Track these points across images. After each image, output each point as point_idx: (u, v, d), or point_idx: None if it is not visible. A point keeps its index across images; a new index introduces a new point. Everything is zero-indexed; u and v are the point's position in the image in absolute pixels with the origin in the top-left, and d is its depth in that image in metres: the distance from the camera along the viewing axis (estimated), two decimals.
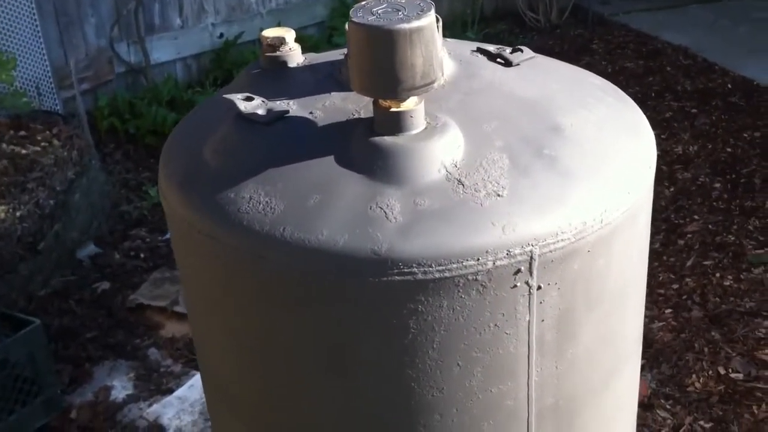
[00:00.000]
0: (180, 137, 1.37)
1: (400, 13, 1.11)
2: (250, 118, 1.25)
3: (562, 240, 1.14)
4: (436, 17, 1.26)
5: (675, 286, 3.72)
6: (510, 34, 6.54)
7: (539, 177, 1.18)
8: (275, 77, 1.36)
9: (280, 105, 1.27)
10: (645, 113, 4.63)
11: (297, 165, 1.19)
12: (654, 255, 3.91)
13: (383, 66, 1.11)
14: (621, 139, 1.28)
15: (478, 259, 1.10)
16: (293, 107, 1.28)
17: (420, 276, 1.10)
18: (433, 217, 1.12)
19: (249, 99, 1.27)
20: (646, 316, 3.51)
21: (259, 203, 1.16)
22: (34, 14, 4.28)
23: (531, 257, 1.13)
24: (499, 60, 1.39)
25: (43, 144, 3.83)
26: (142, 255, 3.99)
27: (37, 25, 4.28)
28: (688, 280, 3.75)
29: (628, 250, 1.26)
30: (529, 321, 1.17)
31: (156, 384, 3.27)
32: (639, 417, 3.05)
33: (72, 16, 4.74)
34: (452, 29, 6.01)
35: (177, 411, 3.16)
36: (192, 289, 1.35)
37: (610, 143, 1.26)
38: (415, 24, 1.09)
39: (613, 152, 1.25)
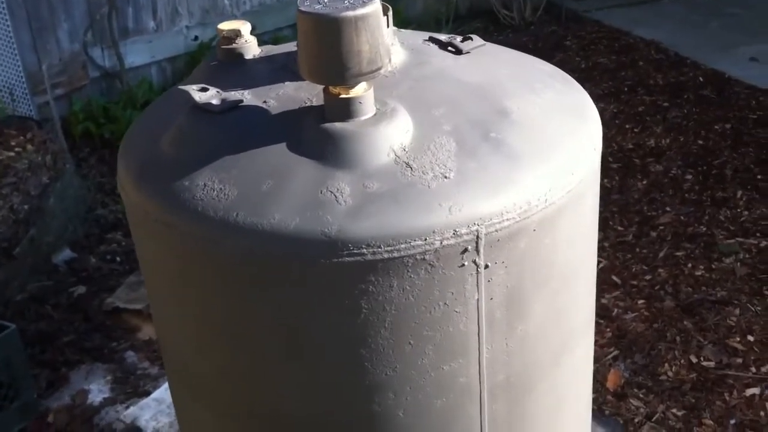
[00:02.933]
0: (138, 129, 1.40)
1: (346, 1, 1.15)
2: (205, 108, 1.28)
3: (507, 219, 1.18)
4: (385, 6, 1.30)
5: (648, 277, 3.77)
6: (485, 32, 6.59)
7: (485, 159, 1.21)
8: (231, 69, 1.39)
9: (234, 95, 1.30)
10: (618, 108, 4.69)
11: (250, 152, 1.22)
12: (627, 247, 3.97)
13: (330, 53, 1.14)
14: (567, 121, 1.32)
15: (426, 239, 1.14)
16: (247, 97, 1.31)
17: (369, 257, 1.13)
18: (382, 199, 1.15)
19: (204, 90, 1.30)
20: (619, 307, 3.58)
21: (213, 190, 1.19)
22: (6, 19, 4.28)
23: (477, 236, 1.16)
24: (449, 48, 1.43)
25: (17, 149, 3.84)
26: (118, 258, 4.00)
27: (9, 31, 4.27)
28: (660, 270, 3.80)
29: (575, 230, 1.29)
30: (477, 299, 1.21)
31: (133, 386, 3.29)
32: (612, 406, 3.11)
33: (45, 21, 4.74)
34: (427, 27, 6.04)
35: (154, 413, 3.17)
36: (151, 276, 1.38)
37: (556, 126, 1.30)
38: (360, 11, 1.13)
39: (558, 134, 1.28)
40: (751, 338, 3.36)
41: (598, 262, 3.87)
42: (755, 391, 3.11)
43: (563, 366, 1.38)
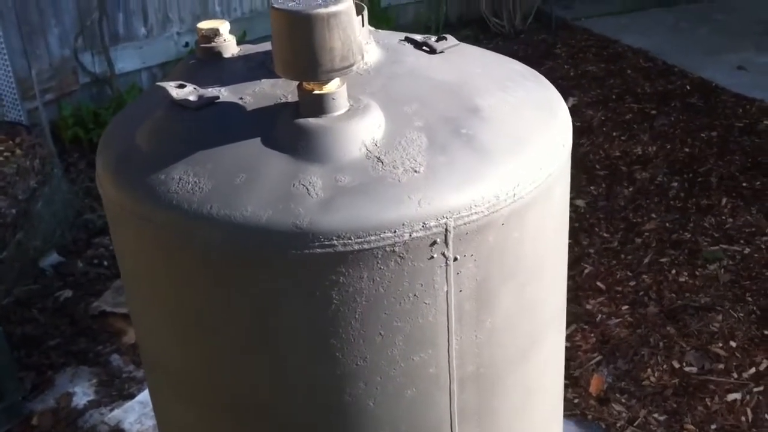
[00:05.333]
0: (117, 126, 1.43)
1: None
2: (182, 104, 1.31)
3: (475, 213, 1.20)
4: (359, 5, 1.33)
5: (632, 283, 3.81)
6: (475, 39, 6.64)
7: (456, 154, 1.24)
8: (210, 67, 1.42)
9: (211, 92, 1.33)
10: (606, 115, 4.73)
11: (225, 147, 1.24)
12: (612, 253, 4.00)
13: (303, 49, 1.17)
14: (536, 119, 1.35)
15: (395, 231, 1.17)
16: (224, 94, 1.33)
17: (340, 248, 1.16)
18: (353, 192, 1.18)
19: (181, 86, 1.32)
20: (603, 313, 3.62)
21: (188, 183, 1.21)
22: None
23: (446, 229, 1.19)
24: (424, 48, 1.46)
25: (5, 154, 3.86)
26: (105, 263, 4.02)
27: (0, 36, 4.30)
28: (644, 276, 3.83)
29: (543, 224, 1.32)
30: (447, 291, 1.23)
31: (118, 389, 3.30)
32: (595, 411, 3.13)
33: (35, 26, 4.76)
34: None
35: (138, 415, 3.19)
36: (127, 270, 1.41)
37: (526, 123, 1.32)
38: (332, 9, 1.16)
39: (527, 131, 1.31)
40: (733, 344, 3.39)
41: (583, 269, 3.91)
42: (737, 396, 3.14)
43: (532, 358, 1.40)
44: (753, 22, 6.82)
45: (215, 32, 1.44)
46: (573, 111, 5.42)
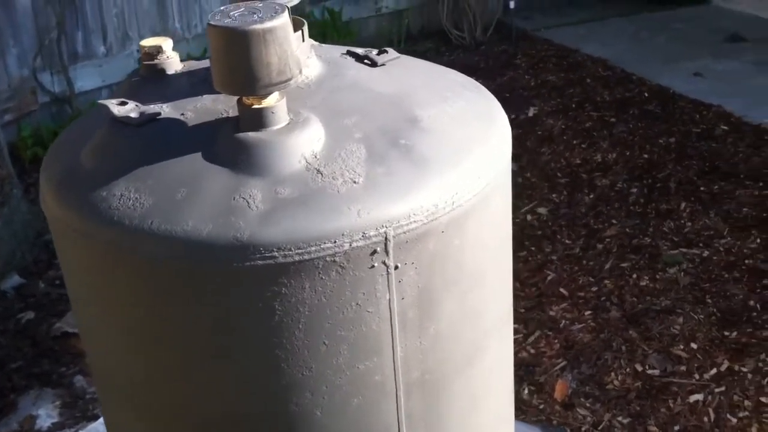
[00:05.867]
0: (60, 144, 1.44)
1: (255, 15, 1.20)
2: (124, 121, 1.32)
3: (414, 222, 1.23)
4: (299, 21, 1.35)
5: (594, 289, 3.85)
6: (436, 52, 6.71)
7: (394, 165, 1.26)
8: (153, 84, 1.44)
9: (153, 108, 1.34)
10: (566, 124, 4.79)
11: (166, 162, 1.26)
12: (574, 259, 4.05)
13: (240, 65, 1.19)
14: (475, 129, 1.37)
15: (335, 242, 1.18)
16: (166, 110, 1.35)
17: (281, 259, 1.18)
18: (293, 204, 1.20)
19: (123, 103, 1.34)
20: (566, 319, 3.65)
21: (129, 199, 1.22)
22: None
23: (386, 238, 1.21)
24: (366, 61, 1.49)
25: None
26: None
27: None
28: (606, 282, 3.87)
29: (484, 231, 1.35)
30: (389, 299, 1.25)
31: (81, 411, 3.28)
32: (560, 416, 3.16)
33: None
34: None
35: None
36: (73, 287, 1.41)
37: (465, 133, 1.35)
38: (267, 25, 1.18)
39: (466, 141, 1.34)
40: (694, 346, 3.44)
41: (546, 275, 3.95)
42: (699, 397, 3.18)
43: (478, 364, 1.42)
44: (709, 31, 6.95)
45: (158, 49, 1.45)
46: (534, 120, 5.50)
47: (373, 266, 1.22)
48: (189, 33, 5.68)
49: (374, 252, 1.21)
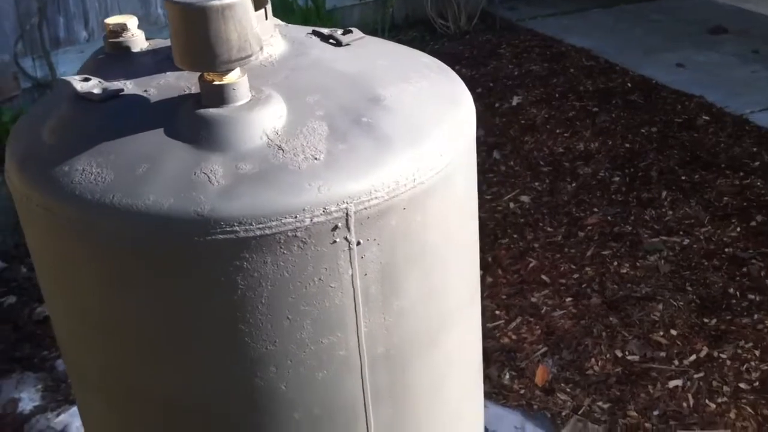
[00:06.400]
0: (25, 120, 1.44)
1: None
2: (86, 97, 1.32)
3: (375, 198, 1.24)
4: None
5: (575, 276, 3.87)
6: (421, 40, 6.71)
7: (356, 142, 1.27)
8: (117, 61, 1.44)
9: (115, 84, 1.35)
10: (549, 113, 4.80)
11: (128, 138, 1.26)
12: (556, 247, 4.07)
13: (199, 41, 1.20)
14: (438, 108, 1.38)
15: (296, 217, 1.19)
16: (129, 86, 1.35)
17: (242, 234, 1.18)
18: (254, 179, 1.21)
19: (86, 80, 1.34)
20: (548, 305, 3.68)
21: (91, 174, 1.23)
22: None
23: (347, 214, 1.22)
24: (331, 41, 1.49)
25: None
26: None
27: None
28: (587, 269, 3.89)
29: (447, 210, 1.36)
30: (352, 275, 1.26)
31: (64, 394, 3.28)
32: (540, 401, 3.18)
33: None
34: None
35: None
36: (38, 266, 1.42)
37: (427, 112, 1.36)
38: (226, 1, 1.18)
39: (428, 120, 1.35)
40: (674, 332, 3.47)
41: (528, 262, 3.97)
42: (678, 383, 3.21)
43: (444, 341, 1.43)
44: (691, 21, 6.97)
45: (123, 27, 1.46)
46: (517, 109, 5.51)
47: (334, 242, 1.23)
48: None
49: (335, 227, 1.22)
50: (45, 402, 3.26)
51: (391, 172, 1.25)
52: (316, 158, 1.23)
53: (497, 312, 3.65)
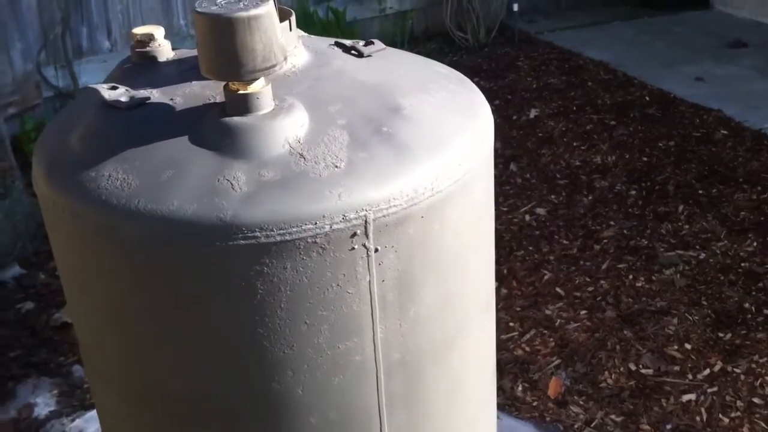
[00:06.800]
0: (52, 126, 1.48)
1: (240, 3, 1.24)
2: (113, 105, 1.36)
3: (394, 206, 1.26)
4: (287, 11, 1.39)
5: (590, 289, 3.87)
6: (440, 53, 6.75)
7: (376, 150, 1.30)
8: (143, 70, 1.47)
9: (142, 93, 1.38)
10: (567, 126, 4.82)
11: (153, 145, 1.29)
12: (571, 259, 4.08)
13: (225, 51, 1.23)
14: (457, 118, 1.41)
15: (316, 223, 1.22)
16: (155, 95, 1.39)
17: (263, 240, 1.21)
18: (276, 186, 1.23)
19: (114, 88, 1.38)
20: (562, 318, 3.68)
21: (117, 180, 1.26)
22: None
23: (366, 221, 1.24)
24: (352, 52, 1.52)
25: None
26: None
27: None
28: (602, 282, 3.90)
29: (464, 218, 1.38)
30: (369, 281, 1.29)
31: (79, 400, 3.32)
32: (553, 413, 3.19)
33: None
34: None
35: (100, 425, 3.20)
36: (63, 268, 1.45)
37: (446, 122, 1.39)
38: (252, 12, 1.22)
39: (447, 129, 1.37)
40: (688, 346, 3.46)
41: (543, 275, 3.98)
42: (691, 397, 3.20)
43: (459, 348, 1.45)
44: (710, 35, 6.98)
45: (150, 37, 1.49)
46: (535, 122, 5.53)
47: (353, 248, 1.26)
48: (193, 29, 5.71)
49: (354, 234, 1.25)
50: (60, 407, 3.29)
51: (410, 180, 1.28)
52: (336, 166, 1.26)
53: (511, 324, 3.66)
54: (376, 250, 1.28)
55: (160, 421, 1.44)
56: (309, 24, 5.83)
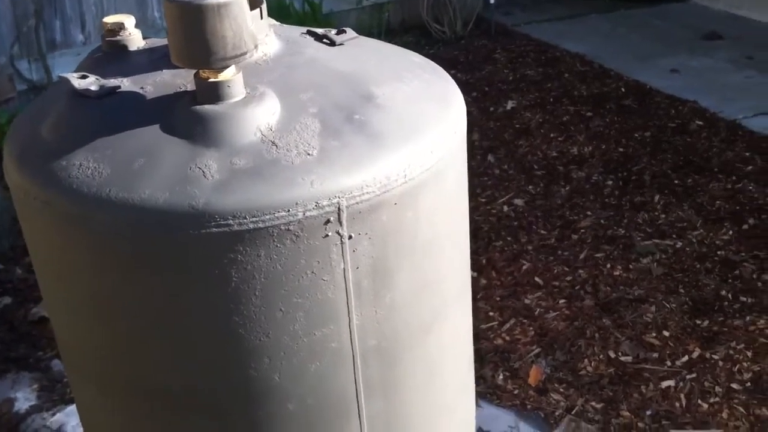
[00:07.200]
0: (23, 117, 1.47)
1: None
2: (83, 94, 1.35)
3: (367, 193, 1.26)
4: None
5: (569, 278, 3.90)
6: (416, 45, 6.75)
7: (348, 138, 1.30)
8: (114, 59, 1.47)
9: (112, 81, 1.37)
10: (543, 117, 4.84)
11: (124, 134, 1.29)
12: (549, 249, 4.10)
13: (195, 38, 1.22)
14: (429, 107, 1.41)
15: (289, 211, 1.22)
16: (126, 84, 1.38)
17: (236, 227, 1.21)
18: (248, 174, 1.23)
19: (84, 77, 1.37)
20: (541, 307, 3.70)
21: (88, 169, 1.25)
22: None
23: (339, 208, 1.24)
24: (324, 40, 1.52)
25: None
26: None
27: None
28: (581, 271, 3.93)
29: (438, 205, 1.38)
30: (344, 268, 1.29)
31: (59, 394, 3.31)
32: (534, 400, 3.21)
33: None
34: None
35: None
36: (35, 259, 1.44)
37: (419, 110, 1.39)
38: (222, 0, 1.21)
39: (420, 118, 1.37)
40: (666, 333, 3.50)
41: (522, 265, 4.00)
42: (670, 383, 3.24)
43: (436, 335, 1.46)
44: (686, 27, 7.03)
45: (120, 26, 1.48)
46: (512, 114, 5.55)
47: (327, 235, 1.26)
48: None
49: (328, 221, 1.25)
50: (40, 402, 3.28)
51: (383, 168, 1.28)
52: (308, 154, 1.26)
53: (491, 313, 3.68)
54: (350, 237, 1.28)
55: (139, 409, 1.44)
56: (285, 15, 5.81)
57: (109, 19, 1.48)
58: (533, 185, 4.69)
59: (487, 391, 3.24)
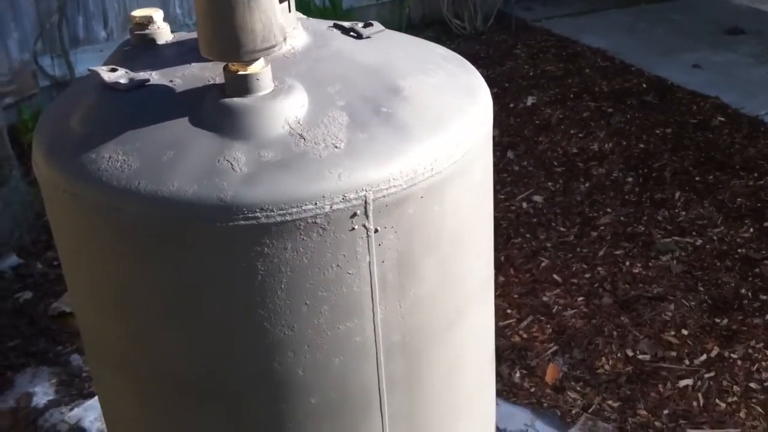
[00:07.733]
0: (52, 109, 1.48)
1: None
2: (113, 87, 1.36)
3: (394, 186, 1.26)
4: None
5: (587, 275, 3.88)
6: (437, 41, 6.68)
7: (375, 131, 1.30)
8: (143, 53, 1.48)
9: (142, 75, 1.38)
10: (564, 113, 4.81)
11: (154, 126, 1.30)
12: (568, 246, 4.08)
13: (225, 30, 1.23)
14: (456, 99, 1.41)
15: (316, 204, 1.22)
16: (155, 77, 1.39)
17: (263, 220, 1.21)
18: (276, 167, 1.24)
19: (113, 70, 1.38)
20: (559, 305, 3.69)
21: (117, 161, 1.26)
22: None
23: (365, 202, 1.25)
24: (351, 33, 1.53)
25: None
26: None
27: None
28: (599, 269, 3.90)
29: (464, 199, 1.38)
30: (369, 262, 1.29)
31: (78, 389, 3.32)
32: (551, 399, 3.20)
33: None
34: None
35: (99, 414, 3.20)
36: (63, 250, 1.45)
37: (445, 102, 1.39)
38: None
39: (446, 110, 1.37)
40: (685, 332, 3.47)
41: (540, 262, 3.98)
42: (688, 382, 3.22)
43: (459, 329, 1.46)
44: (708, 22, 6.97)
45: (149, 20, 1.49)
46: (532, 109, 5.52)
47: (353, 229, 1.26)
48: (190, 19, 5.71)
49: (354, 215, 1.25)
50: (59, 396, 3.29)
51: (410, 161, 1.28)
52: (336, 147, 1.26)
53: (509, 311, 3.67)
54: (376, 231, 1.28)
55: (165, 403, 1.45)
56: (305, 11, 5.79)
57: (138, 13, 1.49)
58: (553, 182, 4.67)
59: (503, 388, 3.23)
